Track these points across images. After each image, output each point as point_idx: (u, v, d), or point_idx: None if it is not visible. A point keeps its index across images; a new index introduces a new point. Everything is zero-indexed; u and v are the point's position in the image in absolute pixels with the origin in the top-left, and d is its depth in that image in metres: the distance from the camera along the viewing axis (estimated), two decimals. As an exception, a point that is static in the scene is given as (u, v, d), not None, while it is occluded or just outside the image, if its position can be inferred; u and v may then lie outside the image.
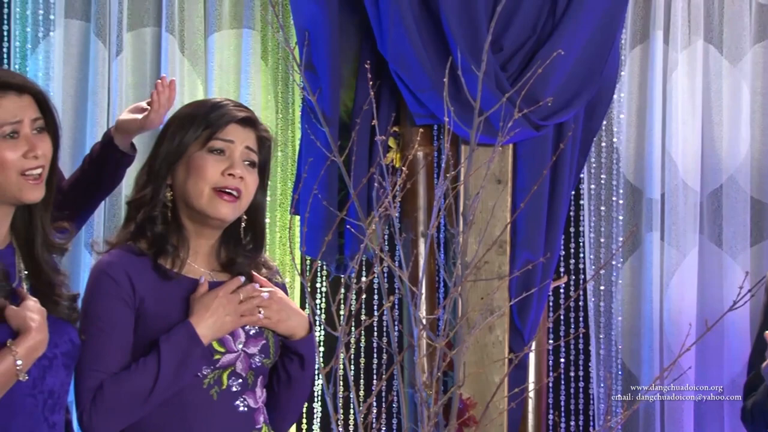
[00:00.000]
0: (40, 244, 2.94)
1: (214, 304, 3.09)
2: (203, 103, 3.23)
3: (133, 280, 3.06)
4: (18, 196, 2.87)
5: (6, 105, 2.85)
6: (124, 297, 3.07)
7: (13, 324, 2.82)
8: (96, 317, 3.06)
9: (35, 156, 2.86)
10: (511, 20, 4.31)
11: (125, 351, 3.04)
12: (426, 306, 4.31)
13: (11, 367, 2.80)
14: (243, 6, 4.45)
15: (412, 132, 4.35)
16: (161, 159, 3.13)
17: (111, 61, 4.34)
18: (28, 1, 4.31)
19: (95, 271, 3.11)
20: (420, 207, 4.39)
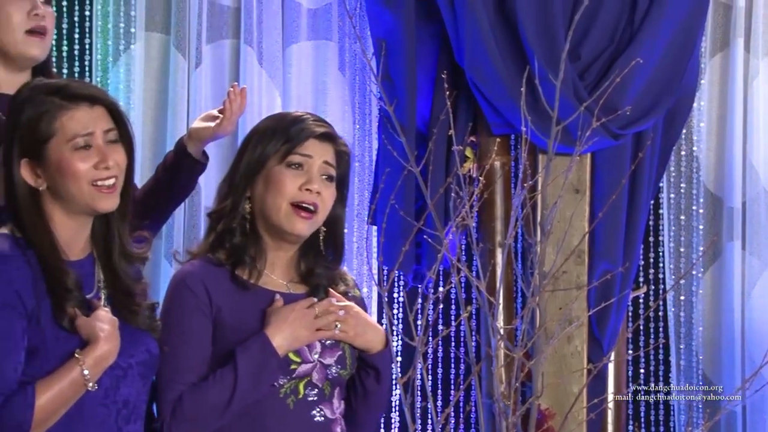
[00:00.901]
0: (117, 254, 2.98)
1: (291, 316, 3.11)
2: (284, 116, 3.28)
3: (210, 290, 3.10)
4: (91, 206, 2.90)
5: (78, 117, 2.89)
6: (202, 307, 3.12)
7: (83, 333, 2.87)
8: (175, 328, 3.10)
9: (107, 167, 2.90)
10: (589, 28, 4.32)
11: (204, 362, 3.08)
12: (503, 316, 4.32)
13: (78, 377, 2.84)
14: (320, 18, 4.48)
15: (489, 142, 4.35)
16: (241, 171, 3.17)
17: (190, 73, 4.38)
18: (109, 15, 4.33)
19: (174, 281, 3.17)
20: (497, 217, 4.40)
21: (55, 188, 2.89)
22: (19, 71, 3.38)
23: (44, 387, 2.82)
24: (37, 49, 3.40)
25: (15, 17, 3.38)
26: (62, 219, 2.91)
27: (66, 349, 2.86)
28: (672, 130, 4.47)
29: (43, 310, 2.85)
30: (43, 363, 2.84)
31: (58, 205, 2.90)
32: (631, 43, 4.32)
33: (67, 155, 2.88)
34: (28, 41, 3.39)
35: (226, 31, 4.43)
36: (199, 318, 3.09)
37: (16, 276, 2.84)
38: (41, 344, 2.84)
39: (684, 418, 4.59)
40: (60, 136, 2.88)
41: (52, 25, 3.47)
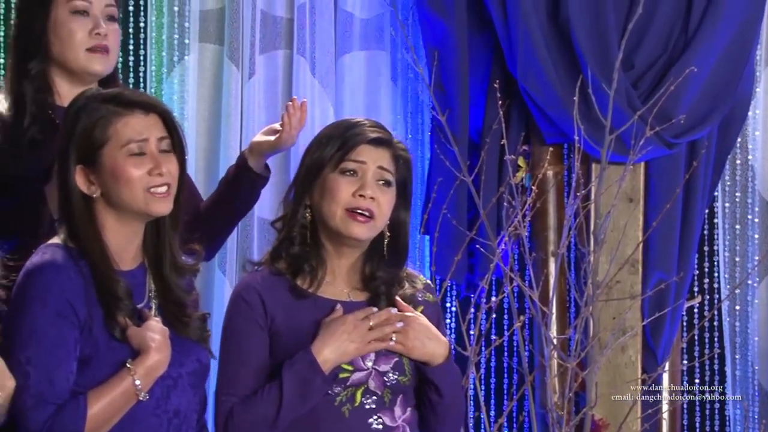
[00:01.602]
0: (168, 265, 2.98)
1: (339, 330, 3.09)
2: (341, 123, 3.28)
3: (265, 300, 3.10)
4: (145, 209, 2.91)
5: (132, 123, 2.90)
6: (257, 319, 3.12)
7: (134, 344, 2.87)
8: (231, 340, 3.12)
9: (160, 173, 2.90)
10: (642, 37, 4.33)
11: (259, 375, 3.09)
12: (556, 326, 4.29)
13: (130, 387, 2.84)
14: (373, 27, 4.49)
15: (541, 151, 4.36)
16: (300, 179, 3.18)
17: (244, 83, 4.39)
18: (163, 27, 4.35)
19: (233, 293, 3.18)
20: (550, 226, 4.39)
21: (108, 195, 2.90)
22: (84, 86, 3.37)
23: (96, 397, 2.83)
24: (100, 64, 3.42)
25: (77, 35, 3.39)
26: (114, 227, 2.92)
27: (118, 359, 2.87)
28: (727, 139, 4.46)
29: (95, 319, 2.86)
30: (95, 373, 2.85)
31: (110, 213, 2.91)
32: (686, 51, 4.32)
33: (121, 161, 2.89)
34: (90, 57, 3.40)
35: (279, 42, 4.43)
36: (254, 330, 3.10)
37: (69, 286, 2.85)
38: (93, 354, 2.85)
39: (740, 429, 4.57)
40: (114, 142, 2.89)
41: (116, 43, 3.48)
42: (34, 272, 2.86)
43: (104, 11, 3.42)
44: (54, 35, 3.39)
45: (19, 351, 2.80)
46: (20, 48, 3.42)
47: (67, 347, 2.82)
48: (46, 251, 2.90)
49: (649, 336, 4.33)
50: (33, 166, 3.29)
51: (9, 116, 3.36)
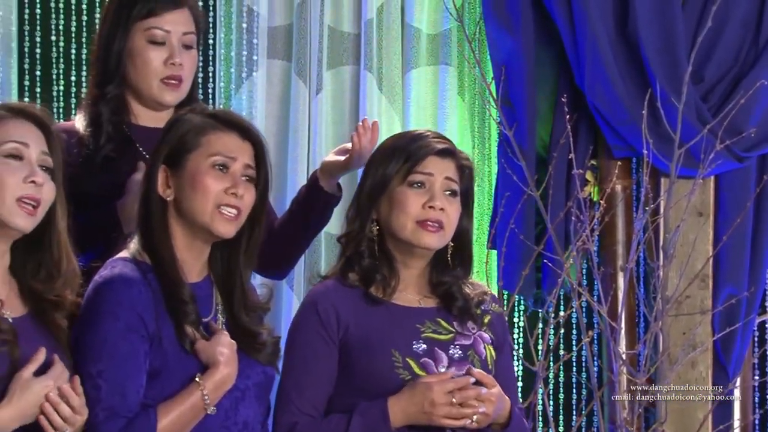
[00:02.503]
0: (238, 303, 3.01)
1: (423, 396, 3.08)
2: (404, 135, 3.31)
3: (338, 309, 3.12)
4: (209, 224, 2.94)
5: (226, 140, 2.95)
6: (329, 331, 3.14)
7: (202, 357, 2.90)
8: (299, 351, 3.13)
9: (235, 194, 2.94)
10: (712, 50, 4.33)
11: (324, 388, 3.10)
12: (626, 341, 4.27)
13: (199, 401, 2.87)
14: (440, 43, 4.50)
15: (610, 165, 4.35)
16: (366, 194, 3.20)
17: (311, 99, 4.42)
18: (232, 44, 4.39)
19: (305, 303, 3.19)
20: (618, 241, 4.37)
21: (180, 202, 2.94)
22: (157, 110, 3.46)
23: (166, 410, 2.86)
24: (170, 96, 3.44)
25: (152, 65, 3.42)
26: (182, 239, 2.96)
27: (187, 373, 2.90)
28: None
29: (165, 333, 2.89)
30: (164, 386, 2.88)
31: (179, 223, 2.95)
32: (756, 63, 4.30)
33: (203, 169, 2.93)
34: (162, 88, 3.43)
35: (346, 58, 4.46)
36: (323, 343, 3.11)
37: (138, 299, 2.88)
38: (163, 367, 2.88)
39: None
40: (203, 150, 2.94)
41: (191, 71, 3.50)
42: (104, 286, 2.89)
43: (182, 39, 3.45)
44: (130, 62, 3.42)
45: (90, 364, 2.83)
46: (99, 71, 3.45)
47: (137, 361, 2.85)
48: (116, 265, 2.93)
49: (719, 351, 4.32)
50: (106, 182, 3.32)
51: (86, 135, 3.39)
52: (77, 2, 4.28)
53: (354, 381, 3.12)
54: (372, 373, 3.12)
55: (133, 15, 3.43)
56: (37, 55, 4.29)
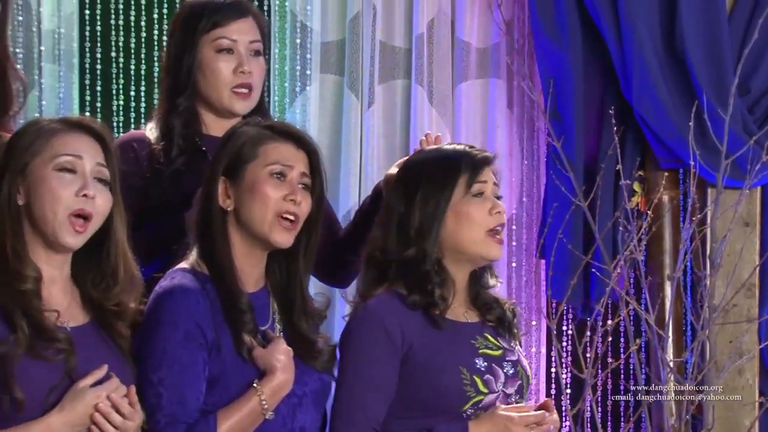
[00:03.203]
0: (298, 311, 3.04)
1: (502, 427, 3.08)
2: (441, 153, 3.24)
3: (404, 327, 3.08)
4: (268, 236, 2.97)
5: (282, 149, 2.99)
6: (395, 349, 3.10)
7: (260, 364, 2.92)
8: (364, 367, 3.08)
9: (294, 200, 2.96)
10: (758, 62, 4.30)
11: (386, 406, 3.07)
12: (673, 349, 4.25)
13: (257, 407, 2.90)
14: (489, 56, 4.49)
15: (657, 176, 4.34)
16: (427, 214, 3.13)
17: (363, 112, 4.42)
18: (286, 59, 4.39)
19: (368, 316, 3.11)
20: (666, 250, 4.36)
21: (239, 211, 2.97)
22: (228, 120, 3.46)
23: (225, 416, 2.88)
24: (241, 104, 3.45)
25: (222, 74, 3.43)
26: (240, 249, 2.99)
27: (245, 379, 2.92)
28: None
29: (223, 341, 2.91)
30: (222, 392, 2.91)
31: (238, 233, 2.98)
32: None
33: (262, 178, 2.96)
34: (233, 98, 3.44)
35: (397, 72, 4.46)
36: (389, 359, 3.07)
37: (197, 309, 2.91)
38: (221, 374, 2.90)
39: None
40: (261, 160, 2.97)
41: (260, 78, 3.50)
42: (164, 296, 2.92)
43: (249, 47, 3.45)
44: (200, 73, 3.43)
45: (151, 372, 2.86)
46: (169, 84, 3.47)
47: (196, 368, 2.88)
48: (175, 275, 2.96)
49: (766, 359, 4.30)
50: (175, 194, 3.34)
51: (158, 147, 3.42)
52: (136, 19, 4.30)
53: (416, 398, 3.09)
54: (440, 391, 3.09)
55: (200, 28, 3.44)
56: (98, 70, 4.30)
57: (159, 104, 3.53)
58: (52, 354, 2.71)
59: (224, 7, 3.47)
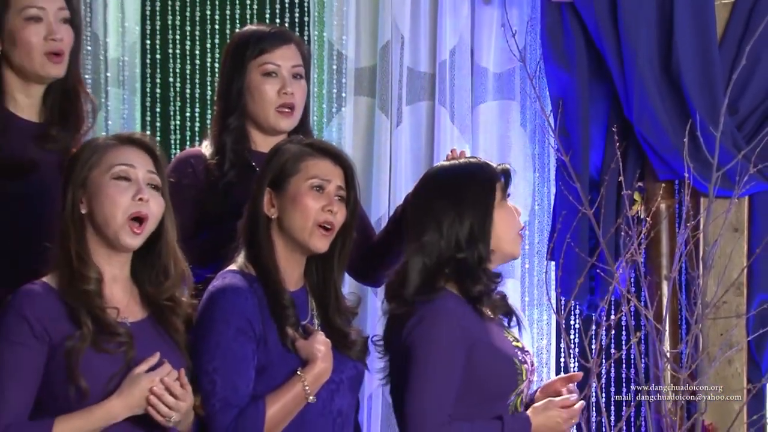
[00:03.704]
0: (332, 310, 3.06)
1: (558, 415, 3.13)
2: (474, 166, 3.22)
3: (468, 324, 3.07)
4: (308, 241, 3.00)
5: (321, 165, 3.03)
6: (465, 346, 3.06)
7: (302, 354, 2.95)
8: (439, 366, 3.02)
9: (331, 211, 3.00)
10: (746, 86, 4.25)
11: (453, 395, 3.03)
12: (669, 341, 4.20)
13: (300, 392, 2.93)
14: (505, 80, 4.48)
15: (655, 186, 4.31)
16: (481, 221, 3.10)
17: (392, 130, 4.42)
18: (324, 82, 4.41)
19: (438, 316, 3.05)
20: (663, 253, 4.31)
21: (282, 219, 3.00)
22: (274, 137, 3.48)
23: (273, 400, 2.91)
24: (285, 123, 3.47)
25: (267, 96, 3.44)
26: (283, 252, 3.02)
27: (289, 368, 2.95)
28: None
29: (270, 334, 2.94)
30: (269, 380, 2.94)
31: (281, 238, 3.01)
32: None
33: (303, 190, 3.00)
34: (277, 116, 3.46)
35: (423, 94, 4.46)
36: (461, 358, 3.03)
37: (247, 306, 2.93)
38: (268, 363, 2.93)
39: None
40: (302, 174, 3.01)
41: (302, 99, 3.51)
42: (218, 295, 2.94)
43: (291, 71, 3.47)
44: (249, 95, 3.44)
45: (206, 363, 2.89)
46: (222, 106, 3.47)
47: (247, 359, 2.91)
48: (226, 276, 2.99)
49: (753, 350, 4.24)
50: (229, 204, 3.33)
51: (213, 162, 3.43)
52: (191, 49, 4.34)
53: (475, 386, 3.06)
54: (500, 380, 3.09)
55: (248, 54, 3.45)
56: (157, 94, 4.35)
57: (213, 124, 3.54)
58: (114, 347, 2.74)
59: (269, 35, 3.49)
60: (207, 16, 4.36)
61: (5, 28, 3.11)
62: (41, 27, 3.12)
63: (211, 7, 4.36)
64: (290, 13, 4.37)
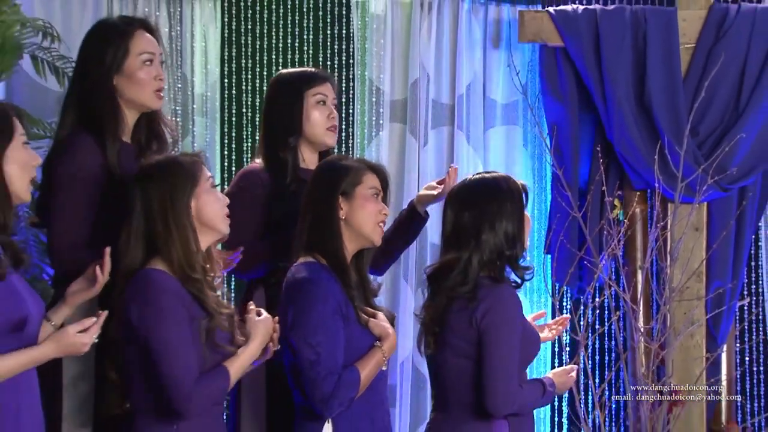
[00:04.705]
0: (367, 291, 3.06)
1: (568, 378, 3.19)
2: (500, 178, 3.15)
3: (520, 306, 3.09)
4: (371, 236, 3.02)
5: (374, 177, 3.07)
6: (522, 319, 3.06)
7: (375, 331, 2.97)
8: (514, 337, 2.98)
9: (385, 213, 3.05)
10: (705, 113, 4.27)
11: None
12: (643, 319, 4.23)
13: (381, 360, 2.96)
14: (510, 109, 4.47)
15: (631, 194, 4.32)
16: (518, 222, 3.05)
17: (420, 150, 4.42)
18: (365, 112, 4.40)
19: (509, 297, 3.01)
20: (637, 248, 4.32)
21: (351, 219, 2.98)
22: (317, 152, 3.48)
23: (361, 366, 2.92)
24: (332, 140, 3.48)
25: (320, 120, 3.42)
26: (348, 245, 3.01)
27: (365, 342, 2.94)
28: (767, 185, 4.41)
29: (350, 313, 2.93)
30: (352, 351, 2.92)
31: (347, 234, 3.00)
32: (737, 122, 4.27)
33: (367, 196, 3.01)
34: (326, 134, 3.46)
35: (444, 120, 4.46)
36: (520, 330, 3.01)
37: (336, 289, 2.92)
38: (350, 337, 2.92)
39: None
40: (364, 184, 3.02)
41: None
42: (312, 281, 2.90)
43: (333, 101, 3.48)
44: (306, 119, 3.41)
45: (310, 337, 2.85)
46: (280, 127, 3.40)
47: (340, 334, 2.89)
48: (311, 267, 2.94)
49: (711, 326, 4.28)
50: (285, 210, 3.31)
51: (269, 175, 3.38)
52: (260, 86, 4.30)
53: (523, 355, 3.04)
54: (533, 350, 3.10)
55: (304, 88, 3.41)
56: (233, 122, 4.33)
57: (268, 143, 3.42)
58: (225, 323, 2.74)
59: (317, 74, 3.48)
60: (273, 60, 4.34)
61: (123, 68, 3.09)
62: (152, 68, 3.11)
63: (276, 52, 4.34)
64: (338, 58, 4.38)
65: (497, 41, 4.44)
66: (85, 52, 3.11)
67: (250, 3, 4.35)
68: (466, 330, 3.00)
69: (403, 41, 4.40)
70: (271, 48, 4.37)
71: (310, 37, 4.37)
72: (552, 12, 4.28)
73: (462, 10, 4.40)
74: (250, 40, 4.35)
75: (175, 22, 4.30)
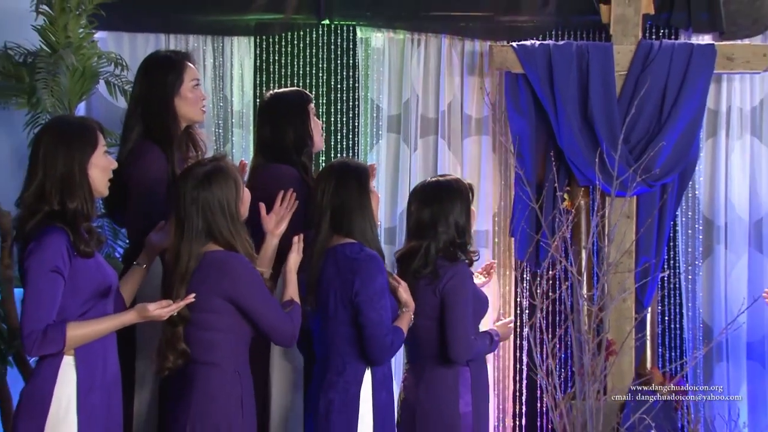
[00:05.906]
0: None
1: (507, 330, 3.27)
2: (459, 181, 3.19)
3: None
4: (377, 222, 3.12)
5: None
6: (474, 286, 3.10)
7: (402, 298, 3.02)
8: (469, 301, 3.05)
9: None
10: (634, 126, 4.31)
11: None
12: (586, 287, 4.22)
13: (410, 320, 3.01)
14: (482, 122, 4.47)
15: (577, 190, 4.36)
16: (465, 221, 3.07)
17: (411, 156, 4.44)
18: (368, 125, 4.40)
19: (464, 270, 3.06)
20: (582, 232, 4.34)
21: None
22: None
23: (402, 325, 2.96)
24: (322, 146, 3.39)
25: (318, 129, 3.33)
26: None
27: (395, 306, 2.99)
28: (684, 181, 4.42)
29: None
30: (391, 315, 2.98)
31: None
32: (659, 133, 4.29)
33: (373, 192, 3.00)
34: (321, 142, 3.35)
35: (430, 131, 4.46)
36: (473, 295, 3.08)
37: (384, 265, 2.96)
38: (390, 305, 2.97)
39: (690, 345, 4.49)
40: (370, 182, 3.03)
41: None
42: (375, 257, 2.88)
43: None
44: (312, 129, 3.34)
45: (376, 302, 2.85)
46: (301, 136, 3.30)
47: (390, 298, 2.95)
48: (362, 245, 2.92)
49: (639, 293, 4.30)
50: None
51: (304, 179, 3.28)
52: None
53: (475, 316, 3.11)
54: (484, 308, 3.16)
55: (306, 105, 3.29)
56: None
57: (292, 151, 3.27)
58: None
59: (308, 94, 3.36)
60: (295, 84, 4.32)
61: (181, 91, 3.13)
62: (199, 91, 3.19)
63: (297, 78, 4.35)
64: (346, 82, 4.37)
65: (472, 69, 4.47)
66: (147, 79, 3.14)
67: (278, 39, 4.37)
68: (431, 299, 3.06)
69: (398, 69, 4.44)
70: (294, 74, 4.39)
71: (323, 65, 4.39)
72: (515, 46, 4.33)
73: (444, 45, 4.44)
74: (277, 68, 4.37)
75: (218, 54, 4.35)
